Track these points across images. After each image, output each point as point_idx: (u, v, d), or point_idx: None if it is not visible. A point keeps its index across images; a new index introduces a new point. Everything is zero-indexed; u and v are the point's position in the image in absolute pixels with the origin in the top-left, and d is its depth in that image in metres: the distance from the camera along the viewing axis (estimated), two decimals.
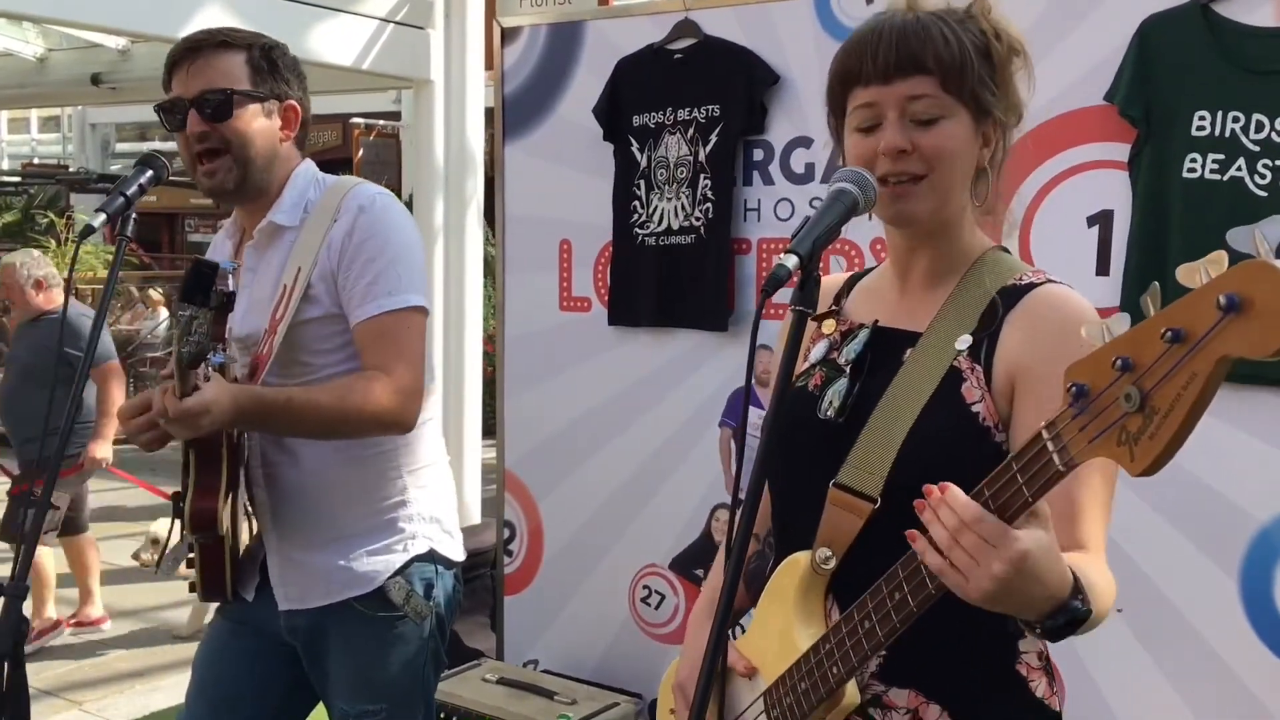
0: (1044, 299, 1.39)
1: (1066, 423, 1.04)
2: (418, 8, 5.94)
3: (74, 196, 14.12)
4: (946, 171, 1.38)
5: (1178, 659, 2.66)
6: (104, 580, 5.67)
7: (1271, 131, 2.52)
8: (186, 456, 2.08)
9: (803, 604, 1.43)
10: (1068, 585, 1.15)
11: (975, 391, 1.37)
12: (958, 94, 1.37)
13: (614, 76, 3.37)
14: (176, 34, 5.19)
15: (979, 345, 1.38)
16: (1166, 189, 2.64)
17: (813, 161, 3.11)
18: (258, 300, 2.08)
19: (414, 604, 2.12)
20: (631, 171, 3.35)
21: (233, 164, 2.02)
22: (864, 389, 1.44)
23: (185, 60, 2.00)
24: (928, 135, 1.37)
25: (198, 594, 2.16)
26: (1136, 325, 0.99)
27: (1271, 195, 2.52)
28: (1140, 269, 2.67)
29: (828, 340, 1.54)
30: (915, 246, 1.47)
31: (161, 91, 2.08)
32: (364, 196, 2.04)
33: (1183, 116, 2.61)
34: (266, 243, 2.10)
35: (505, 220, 3.67)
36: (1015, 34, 1.44)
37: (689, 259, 3.26)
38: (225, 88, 1.99)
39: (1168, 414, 0.95)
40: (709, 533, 3.34)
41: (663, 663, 3.44)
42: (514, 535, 3.72)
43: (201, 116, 1.99)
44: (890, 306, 1.50)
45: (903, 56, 1.36)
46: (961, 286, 1.44)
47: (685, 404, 3.34)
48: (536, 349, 3.61)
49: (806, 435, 1.47)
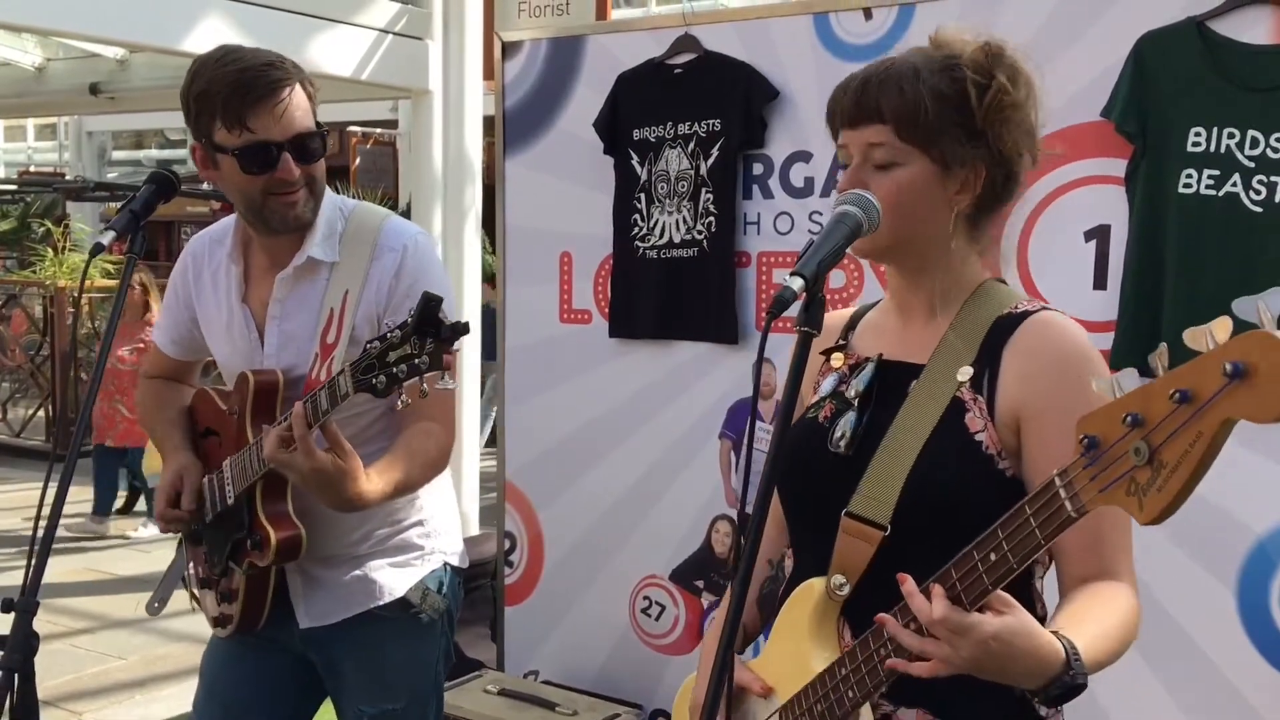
0: (1040, 328, 1.45)
1: (1078, 472, 1.12)
2: (416, 19, 5.97)
3: (70, 205, 14.14)
4: (897, 215, 1.43)
5: (1176, 670, 2.68)
6: (100, 589, 5.67)
7: (1266, 148, 2.54)
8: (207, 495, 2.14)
9: (817, 628, 1.48)
10: (1059, 660, 1.23)
11: (978, 421, 1.43)
12: (913, 142, 1.43)
13: (615, 90, 3.39)
14: (176, 45, 5.26)
15: (980, 376, 1.44)
16: (1162, 204, 2.67)
17: (812, 175, 3.13)
18: (292, 332, 2.08)
19: (430, 600, 2.17)
20: (632, 185, 3.38)
21: (309, 197, 2.02)
22: (872, 421, 1.50)
23: (269, 99, 1.92)
24: (882, 181, 1.44)
25: (229, 629, 2.16)
26: (1146, 384, 1.06)
27: (1266, 211, 2.55)
28: (1137, 283, 2.70)
29: (837, 374, 1.60)
30: (908, 282, 1.54)
31: (159, 101, 2.08)
32: (407, 236, 2.08)
33: (1178, 132, 2.64)
34: (300, 276, 2.08)
35: (506, 232, 3.69)
36: (1021, 76, 1.47)
37: (691, 272, 3.28)
38: (316, 130, 2.00)
39: (1175, 468, 1.03)
40: (709, 544, 3.36)
41: (663, 673, 3.48)
42: (514, 546, 3.73)
43: (296, 160, 1.97)
44: (894, 340, 1.56)
45: (862, 105, 1.45)
46: (960, 318, 1.50)
47: (685, 416, 3.36)
48: (537, 360, 3.64)
49: (818, 466, 1.53)
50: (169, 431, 2.28)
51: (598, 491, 3.54)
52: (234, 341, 2.15)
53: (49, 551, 1.88)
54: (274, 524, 2.02)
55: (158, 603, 2.35)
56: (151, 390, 2.37)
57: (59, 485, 1.94)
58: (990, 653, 1.20)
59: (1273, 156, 2.54)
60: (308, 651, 2.19)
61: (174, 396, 2.34)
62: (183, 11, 5.11)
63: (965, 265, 1.52)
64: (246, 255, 2.16)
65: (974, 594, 1.23)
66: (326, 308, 2.05)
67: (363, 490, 1.87)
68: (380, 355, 1.68)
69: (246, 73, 1.91)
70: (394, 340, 1.67)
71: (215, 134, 1.95)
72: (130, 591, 5.99)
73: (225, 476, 2.10)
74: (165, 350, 2.34)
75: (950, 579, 1.25)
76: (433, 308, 1.63)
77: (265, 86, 1.91)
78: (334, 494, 1.85)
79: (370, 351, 1.69)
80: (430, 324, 1.64)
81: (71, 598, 5.49)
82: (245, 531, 2.05)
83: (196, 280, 2.22)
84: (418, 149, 6.11)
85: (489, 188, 6.08)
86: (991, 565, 1.21)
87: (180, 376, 2.39)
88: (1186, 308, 2.62)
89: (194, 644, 5.39)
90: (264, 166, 1.95)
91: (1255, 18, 2.55)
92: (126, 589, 6.02)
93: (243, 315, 2.13)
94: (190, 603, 2.31)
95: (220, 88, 1.92)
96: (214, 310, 2.19)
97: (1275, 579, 2.60)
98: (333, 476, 1.82)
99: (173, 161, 16.55)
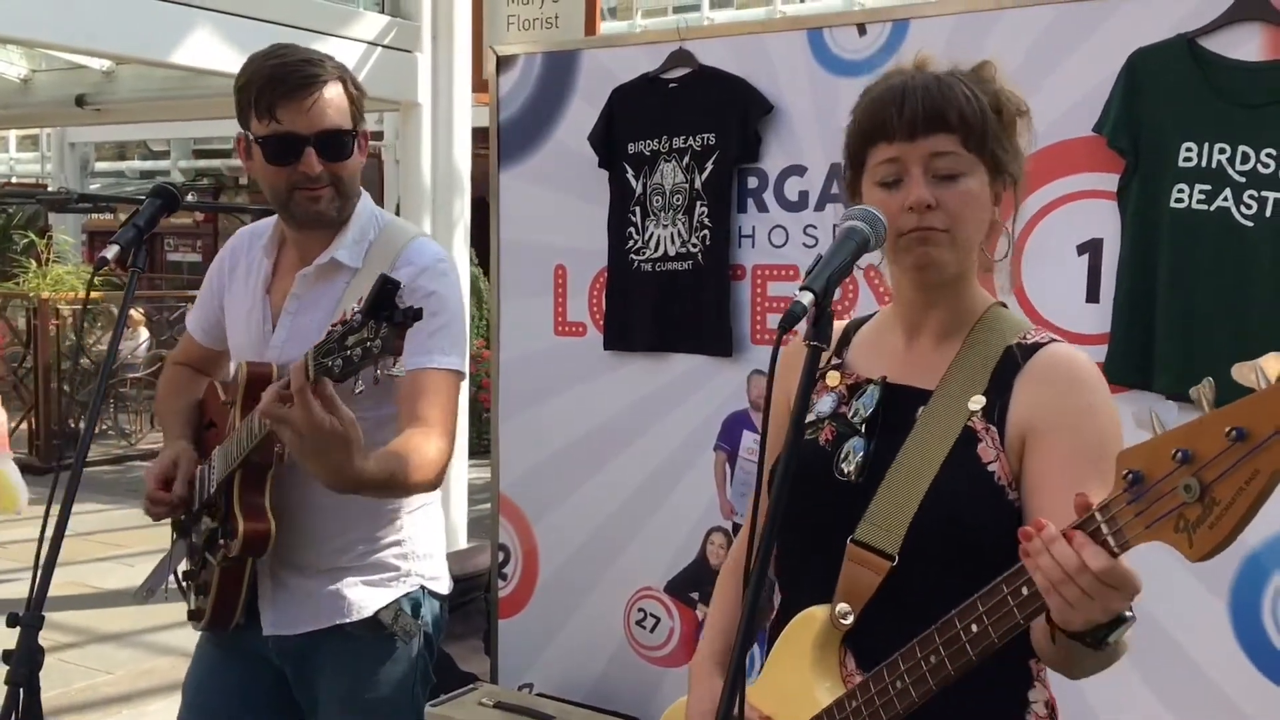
0: (1052, 360, 1.45)
1: (1121, 507, 1.12)
2: (405, 32, 5.99)
3: (53, 216, 14.06)
4: (967, 227, 1.44)
5: (1169, 680, 2.70)
6: (87, 603, 5.64)
7: (1257, 163, 2.58)
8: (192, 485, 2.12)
9: (819, 657, 1.46)
10: None
11: (990, 452, 1.42)
12: (978, 152, 1.43)
13: (609, 104, 3.41)
14: (165, 57, 5.26)
15: (991, 407, 1.43)
16: (1155, 219, 2.69)
17: (806, 189, 3.15)
18: (303, 328, 2.09)
19: (402, 623, 2.15)
20: (627, 198, 3.40)
21: (335, 195, 2.05)
22: (878, 447, 1.48)
23: (302, 93, 1.97)
24: (950, 192, 1.42)
25: (202, 623, 2.16)
26: (1194, 420, 1.06)
27: (1257, 225, 2.58)
28: (1129, 296, 2.73)
29: (834, 394, 1.56)
30: (931, 303, 1.51)
31: (145, 113, 2.11)
32: (430, 255, 2.09)
33: (1170, 148, 2.67)
34: (322, 275, 2.11)
35: (500, 245, 3.70)
36: (1018, 96, 1.50)
37: (687, 285, 3.30)
38: (346, 129, 2.02)
39: (1229, 506, 1.03)
40: (704, 556, 3.37)
41: (659, 685, 3.48)
42: (509, 558, 3.73)
43: (320, 155, 2.00)
44: (897, 361, 1.54)
45: (928, 113, 1.41)
46: (969, 344, 1.48)
47: (680, 428, 3.37)
48: (531, 373, 3.64)
49: (821, 491, 1.50)
50: (173, 421, 2.31)
51: (592, 504, 3.54)
52: (249, 330, 2.18)
53: (54, 566, 1.89)
54: (245, 514, 2.00)
55: (146, 591, 2.36)
56: (173, 377, 2.40)
57: (64, 499, 1.94)
58: (1126, 595, 1.17)
59: (1263, 172, 2.57)
60: (282, 664, 2.18)
61: (191, 387, 2.37)
62: (172, 24, 5.12)
63: (973, 287, 1.52)
64: (280, 250, 2.20)
65: (1002, 628, 1.24)
66: (340, 310, 2.05)
67: (358, 466, 1.74)
68: (340, 339, 1.62)
69: (283, 67, 1.98)
70: (354, 324, 1.60)
71: (250, 124, 2.01)
72: (117, 605, 5.96)
73: (211, 464, 2.11)
74: (196, 336, 2.38)
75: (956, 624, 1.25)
76: (389, 291, 1.56)
77: (297, 80, 1.97)
78: (330, 462, 1.72)
79: (331, 335, 1.63)
80: (385, 308, 1.56)
81: (58, 612, 5.46)
82: (220, 521, 2.05)
83: (231, 271, 2.27)
84: (407, 161, 6.14)
85: (475, 201, 6.10)
86: (1024, 599, 1.22)
87: (208, 367, 2.41)
88: (1179, 321, 2.65)
89: (182, 658, 5.35)
90: (288, 158, 1.99)
91: (1245, 34, 2.59)
92: (113, 603, 5.99)
93: (263, 305, 2.16)
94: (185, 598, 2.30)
95: (258, 79, 1.98)
96: (240, 300, 2.22)
97: (1268, 589, 2.63)
98: (329, 438, 1.69)
99: (156, 173, 16.51)
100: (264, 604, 2.14)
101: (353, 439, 1.73)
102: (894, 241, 1.45)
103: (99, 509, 7.92)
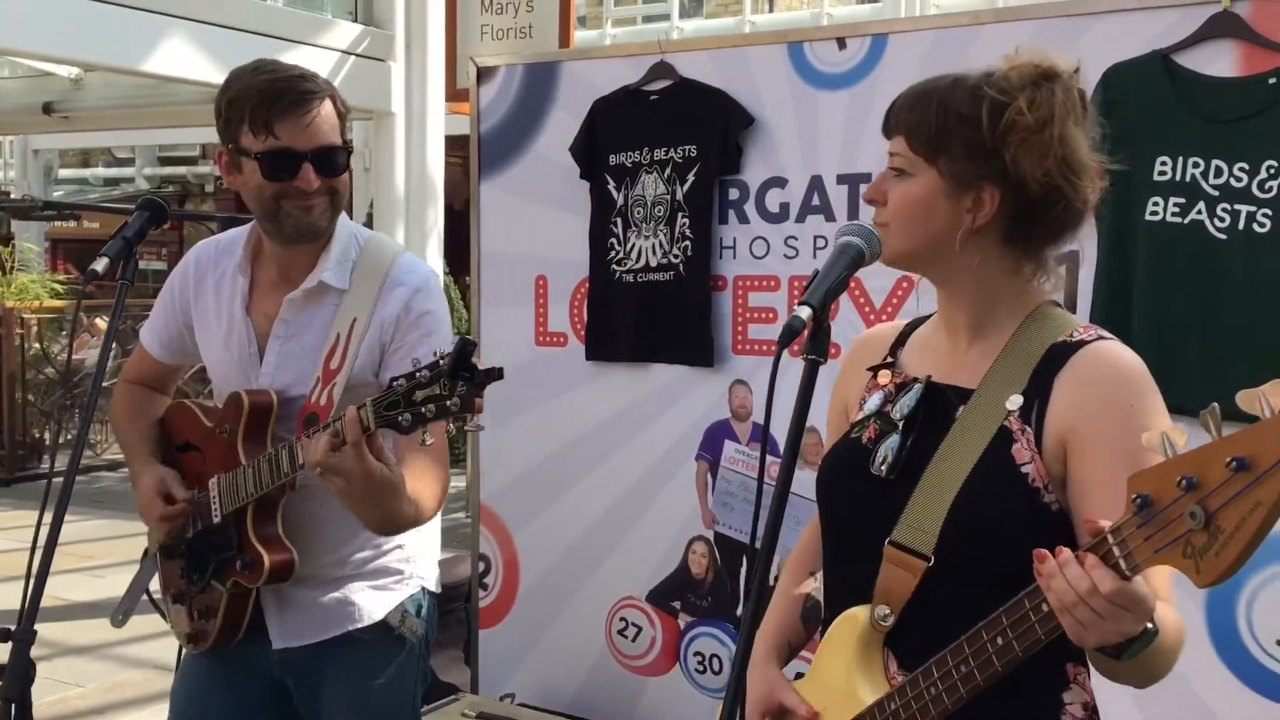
0: (1093, 359, 1.43)
1: (1131, 530, 1.14)
2: (379, 41, 5.98)
3: (17, 224, 13.88)
4: (903, 224, 1.48)
5: None
6: (56, 616, 5.57)
7: (1230, 177, 2.63)
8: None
9: (862, 657, 1.48)
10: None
11: (1025, 453, 1.42)
12: (922, 154, 1.47)
13: (590, 116, 3.43)
14: (137, 65, 5.23)
15: (1030, 406, 1.43)
16: (1130, 231, 2.75)
17: (787, 201, 3.19)
18: (294, 353, 2.09)
19: (409, 624, 2.18)
20: (608, 209, 3.42)
21: (329, 207, 2.05)
22: (916, 445, 1.49)
23: (300, 110, 1.97)
24: (895, 187, 1.50)
25: (207, 645, 2.14)
26: (1201, 447, 1.08)
27: (1230, 238, 2.64)
28: (1106, 306, 2.78)
29: (883, 392, 1.58)
30: (945, 296, 1.56)
31: (113, 120, 2.09)
32: (421, 274, 2.11)
33: (1145, 162, 2.72)
34: (309, 298, 2.10)
35: (480, 256, 3.71)
36: (1049, 101, 1.42)
37: (668, 296, 3.32)
38: (341, 145, 2.03)
39: (1232, 535, 1.05)
40: (686, 565, 3.39)
41: (641, 694, 3.50)
42: (489, 568, 3.74)
43: (317, 171, 2.00)
44: (944, 361, 1.55)
45: (889, 117, 1.53)
46: (1012, 344, 1.48)
47: (662, 438, 3.39)
48: (512, 383, 3.61)
49: (859, 488, 1.52)
50: (139, 442, 2.27)
51: (574, 514, 3.55)
52: (231, 352, 2.15)
53: (45, 579, 1.88)
54: (266, 547, 2.02)
55: (122, 614, 2.35)
56: (129, 396, 2.34)
57: (55, 511, 1.93)
58: (1139, 616, 1.20)
59: (1236, 185, 2.63)
60: (283, 676, 2.18)
61: (150, 406, 2.33)
62: (144, 32, 5.08)
63: (1009, 287, 1.50)
64: (255, 267, 2.17)
65: (1026, 641, 1.27)
66: (334, 333, 2.06)
67: (404, 510, 1.88)
68: (407, 394, 1.70)
69: (278, 81, 1.98)
70: (421, 380, 1.70)
71: (242, 138, 2.00)
72: (86, 618, 5.88)
73: (211, 495, 2.09)
74: (152, 352, 2.31)
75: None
76: (468, 352, 1.66)
77: (295, 95, 1.97)
78: (378, 506, 1.85)
79: (396, 389, 1.71)
80: (465, 368, 1.67)
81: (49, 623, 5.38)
82: (235, 552, 2.04)
83: (198, 286, 2.22)
84: (380, 170, 6.12)
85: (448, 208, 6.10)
86: (1044, 615, 1.24)
87: (161, 383, 2.37)
88: (1155, 333, 2.70)
89: (152, 670, 5.33)
90: (286, 173, 1.99)
91: (1218, 51, 2.64)
92: (82, 615, 5.92)
93: (244, 327, 2.13)
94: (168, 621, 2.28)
95: (251, 94, 1.97)
96: (213, 319, 2.18)
97: (1242, 594, 2.68)
98: (381, 485, 1.80)
99: (120, 180, 16.33)
100: (270, 618, 2.13)
101: (400, 485, 1.83)
102: None
103: (67, 520, 7.83)
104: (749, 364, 3.27)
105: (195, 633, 2.17)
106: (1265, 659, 2.65)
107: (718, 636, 3.36)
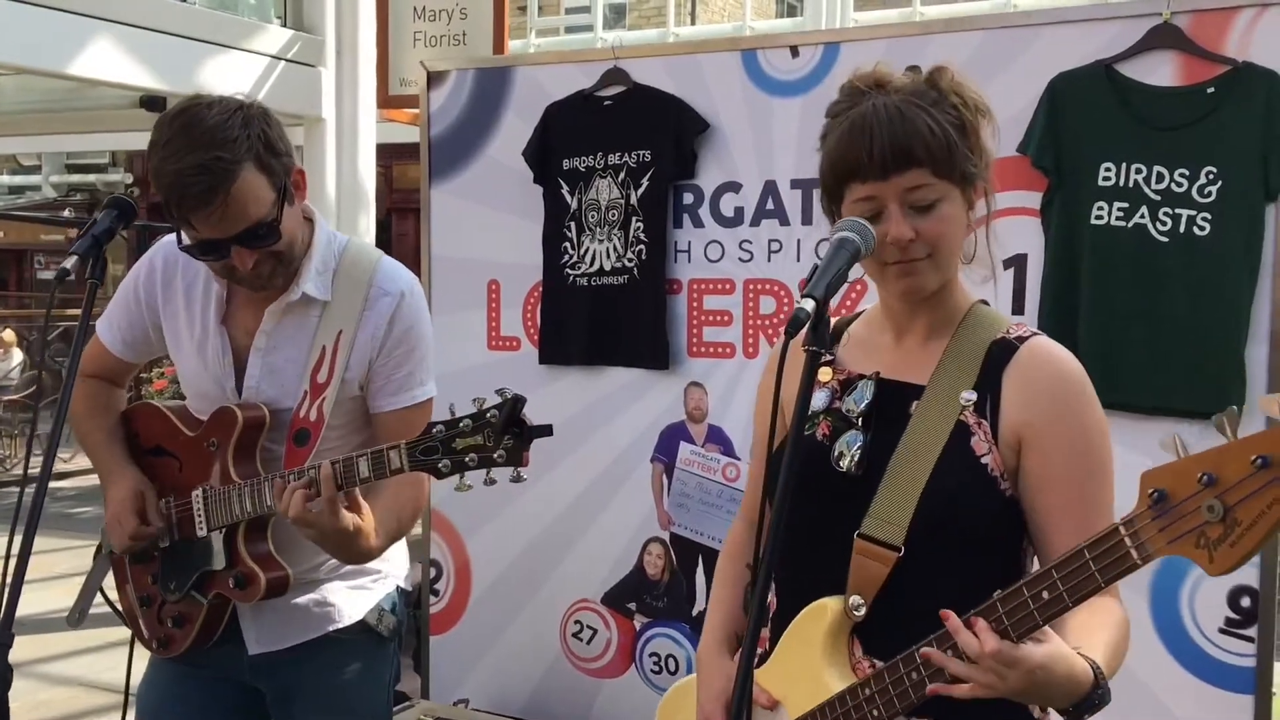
0: (1034, 355, 1.53)
1: (1145, 523, 1.21)
2: (309, 46, 5.92)
3: None
4: (947, 249, 1.52)
5: None
6: None
7: (1171, 182, 2.75)
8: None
9: (830, 646, 1.52)
10: (1089, 680, 1.30)
11: (983, 445, 1.50)
12: (949, 177, 1.49)
13: (544, 121, 3.44)
14: (63, 68, 5.10)
15: (983, 401, 1.51)
16: (1076, 234, 2.85)
17: (742, 205, 3.23)
18: (279, 366, 2.05)
19: (386, 622, 2.18)
20: (562, 213, 3.43)
21: (275, 265, 1.97)
22: (875, 440, 1.54)
23: (205, 208, 1.84)
24: (928, 221, 1.49)
25: (180, 651, 2.10)
26: (1221, 445, 1.16)
27: (1172, 240, 2.75)
28: (1054, 308, 2.88)
29: (828, 389, 1.62)
30: (916, 310, 1.58)
31: (25, 125, 2.02)
32: (403, 282, 2.08)
33: (1090, 168, 2.83)
34: (290, 310, 2.05)
35: (431, 260, 3.69)
36: (975, 93, 1.55)
37: (622, 299, 3.34)
38: (265, 219, 1.90)
39: (1250, 527, 1.13)
40: (641, 566, 3.41)
41: (595, 696, 3.50)
42: (440, 574, 3.72)
43: (250, 249, 1.91)
44: (888, 358, 1.61)
45: (897, 152, 1.46)
46: (956, 341, 1.56)
47: (617, 440, 3.41)
48: (464, 387, 3.59)
49: (821, 485, 1.56)
50: (108, 443, 2.20)
51: (528, 518, 3.55)
52: (205, 362, 2.10)
53: (21, 584, 1.83)
54: (261, 564, 2.01)
55: (78, 614, 2.32)
56: (88, 392, 2.26)
57: (29, 515, 1.88)
58: (1035, 681, 1.27)
59: (1177, 190, 2.74)
60: (256, 681, 2.15)
61: (112, 400, 2.27)
62: (70, 34, 4.95)
63: (959, 288, 1.59)
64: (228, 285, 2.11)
65: (1022, 629, 1.29)
66: (318, 345, 2.03)
67: (373, 546, 1.92)
68: (446, 441, 1.74)
69: (182, 176, 1.83)
70: (464, 429, 1.73)
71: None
72: (44, 632, 5.70)
73: (195, 508, 2.05)
74: (113, 349, 2.23)
75: (996, 612, 1.30)
76: (518, 408, 1.72)
77: (196, 197, 1.83)
78: (349, 551, 1.90)
79: (435, 435, 1.75)
80: (514, 423, 1.72)
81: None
82: (226, 567, 2.02)
83: (166, 288, 2.14)
84: (311, 177, 6.01)
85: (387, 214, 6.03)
86: (1044, 603, 1.28)
87: (119, 378, 2.31)
88: (1100, 333, 2.80)
89: (78, 688, 5.18)
90: (217, 256, 1.93)
91: (1159, 61, 2.76)
92: (36, 629, 5.73)
93: (219, 338, 2.08)
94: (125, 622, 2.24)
95: (162, 190, 1.87)
96: (184, 325, 2.13)
97: (1185, 585, 2.78)
98: (352, 536, 1.85)
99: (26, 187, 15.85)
100: (246, 624, 2.10)
101: (370, 530, 1.89)
102: (880, 268, 1.53)
103: None
104: (704, 366, 3.31)
105: (165, 638, 2.13)
106: (1209, 647, 2.76)
107: (673, 637, 3.39)
